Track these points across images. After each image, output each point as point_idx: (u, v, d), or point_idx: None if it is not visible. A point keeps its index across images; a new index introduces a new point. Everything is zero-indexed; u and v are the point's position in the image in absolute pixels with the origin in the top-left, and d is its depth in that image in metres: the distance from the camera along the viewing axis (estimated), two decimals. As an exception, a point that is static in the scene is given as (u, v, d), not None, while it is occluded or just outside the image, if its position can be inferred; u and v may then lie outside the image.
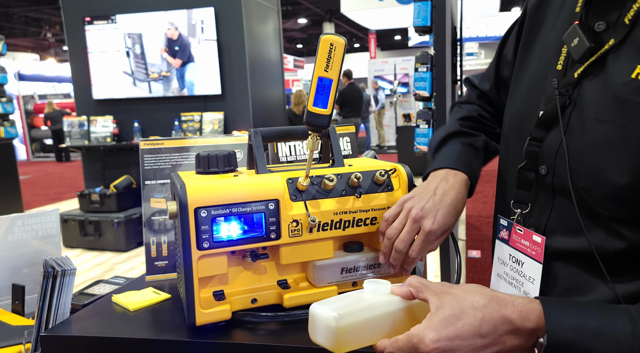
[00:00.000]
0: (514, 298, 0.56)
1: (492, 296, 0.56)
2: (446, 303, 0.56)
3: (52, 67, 15.44)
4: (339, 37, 0.71)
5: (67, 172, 10.49)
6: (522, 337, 0.54)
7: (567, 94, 0.70)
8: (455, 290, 0.57)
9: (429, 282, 0.60)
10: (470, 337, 0.53)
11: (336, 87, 0.73)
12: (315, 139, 0.77)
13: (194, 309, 0.74)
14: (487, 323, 0.53)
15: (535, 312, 0.54)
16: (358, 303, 0.61)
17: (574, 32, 0.69)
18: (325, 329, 0.58)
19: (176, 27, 4.73)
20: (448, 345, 0.53)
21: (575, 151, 0.68)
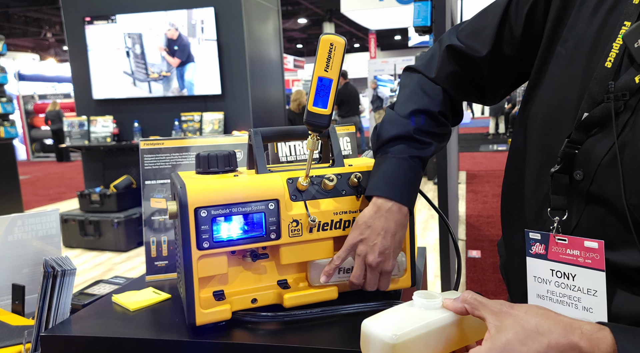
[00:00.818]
0: (582, 324, 0.53)
1: (558, 320, 0.54)
2: (508, 325, 0.54)
3: (52, 67, 15.44)
4: (339, 37, 0.71)
5: (67, 172, 10.49)
6: None
7: (624, 99, 0.62)
8: (517, 311, 0.55)
9: (485, 300, 0.58)
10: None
11: (336, 87, 0.73)
12: (315, 139, 0.77)
13: (194, 309, 0.74)
14: (554, 350, 0.52)
15: (606, 341, 0.52)
16: (412, 320, 0.60)
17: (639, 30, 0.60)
18: (381, 347, 0.57)
19: (176, 28, 4.73)
20: None
21: (631, 165, 0.61)
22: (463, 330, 0.62)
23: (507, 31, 0.82)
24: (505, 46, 0.83)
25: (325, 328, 0.76)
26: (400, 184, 0.80)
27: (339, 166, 0.85)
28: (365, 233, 0.78)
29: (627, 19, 0.64)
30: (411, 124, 0.84)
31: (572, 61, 0.71)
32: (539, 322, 0.53)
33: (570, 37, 0.71)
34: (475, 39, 0.85)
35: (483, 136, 13.79)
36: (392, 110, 0.87)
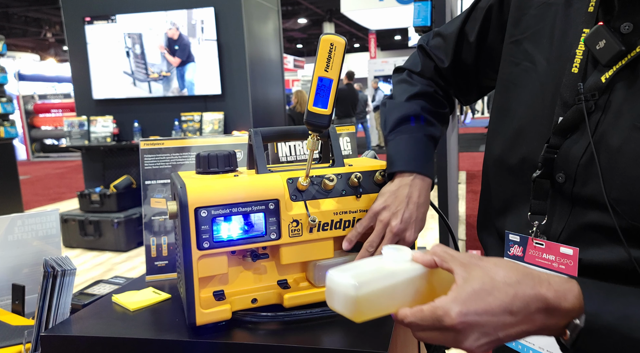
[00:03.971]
0: (550, 276, 0.53)
1: (527, 272, 0.53)
2: (475, 276, 0.54)
3: (52, 67, 15.43)
4: (339, 37, 0.71)
5: (67, 172, 10.49)
6: (555, 317, 0.52)
7: (593, 99, 0.66)
8: (486, 263, 0.55)
9: (455, 252, 0.58)
10: (500, 313, 0.51)
11: (336, 87, 0.73)
12: (315, 139, 0.77)
13: (194, 309, 0.74)
14: (520, 300, 0.51)
15: (573, 292, 0.52)
16: (378, 270, 0.59)
17: (600, 33, 0.65)
18: (344, 297, 0.56)
19: (177, 28, 4.73)
20: (475, 319, 0.51)
21: (608, 161, 0.63)
22: (432, 284, 0.60)
23: (465, 41, 0.89)
24: (464, 55, 0.90)
25: (325, 328, 0.76)
26: (420, 157, 0.82)
27: (339, 166, 0.85)
28: (389, 201, 0.79)
29: (585, 27, 0.68)
30: (414, 106, 0.87)
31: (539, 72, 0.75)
32: (507, 273, 0.53)
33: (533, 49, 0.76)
34: (439, 49, 0.93)
35: (483, 136, 13.79)
36: (392, 99, 0.92)
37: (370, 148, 10.30)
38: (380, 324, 0.75)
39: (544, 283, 0.52)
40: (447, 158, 2.70)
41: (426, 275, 0.60)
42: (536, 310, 0.52)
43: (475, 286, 0.53)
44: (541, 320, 0.52)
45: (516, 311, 0.51)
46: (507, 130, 0.80)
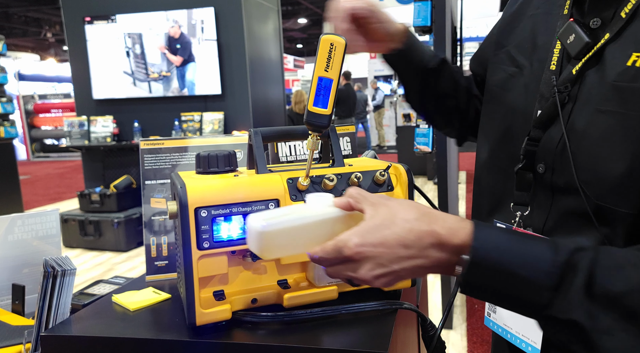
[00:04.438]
0: (447, 216, 0.56)
1: (427, 212, 0.57)
2: (380, 213, 0.57)
3: (52, 67, 15.43)
4: (340, 37, 0.71)
5: (67, 172, 10.49)
6: (447, 252, 0.55)
7: (566, 91, 0.70)
8: (392, 202, 0.59)
9: (368, 194, 0.61)
10: (394, 245, 0.55)
11: (336, 87, 0.73)
12: (315, 139, 0.77)
13: (194, 309, 0.74)
14: (414, 235, 0.54)
15: (464, 230, 0.54)
16: (293, 212, 0.61)
17: (570, 29, 0.70)
18: (254, 235, 0.60)
19: (179, 26, 4.73)
20: (371, 250, 0.55)
21: (577, 146, 0.68)
22: (350, 226, 0.60)
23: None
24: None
25: (325, 328, 0.76)
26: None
27: (339, 166, 0.85)
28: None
29: (561, 27, 0.73)
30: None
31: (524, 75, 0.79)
32: (407, 211, 0.56)
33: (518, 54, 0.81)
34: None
35: (483, 136, 13.73)
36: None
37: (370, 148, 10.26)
38: (380, 324, 0.75)
39: (439, 221, 0.55)
40: (447, 158, 2.70)
41: (344, 218, 0.62)
42: (429, 245, 0.54)
43: (377, 221, 0.56)
44: (434, 255, 0.55)
45: (410, 244, 0.54)
46: (495, 132, 0.84)
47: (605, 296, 0.49)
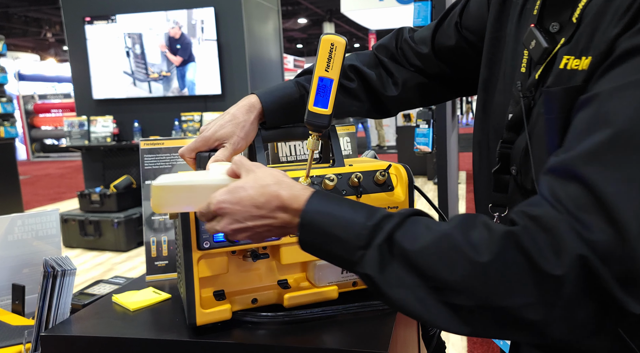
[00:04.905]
0: (297, 185, 0.64)
1: (280, 180, 0.64)
2: (247, 178, 0.65)
3: (52, 67, 15.43)
4: (340, 37, 0.71)
5: (67, 172, 10.49)
6: (289, 214, 0.62)
7: (530, 95, 0.70)
8: (260, 170, 0.66)
9: (247, 161, 0.68)
10: (248, 205, 0.63)
11: (337, 87, 0.73)
12: (315, 139, 0.77)
13: (195, 309, 0.74)
14: (264, 197, 0.62)
15: (304, 196, 0.61)
16: (187, 176, 0.71)
17: (531, 34, 0.69)
18: (150, 190, 0.68)
19: (180, 26, 4.73)
20: (229, 207, 0.63)
21: (538, 149, 0.69)
22: None
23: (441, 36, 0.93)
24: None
25: (325, 328, 0.76)
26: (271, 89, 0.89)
27: (340, 166, 0.85)
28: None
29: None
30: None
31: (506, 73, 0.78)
32: (265, 177, 0.64)
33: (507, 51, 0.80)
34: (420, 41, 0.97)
35: (483, 136, 13.72)
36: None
37: (370, 148, 10.28)
38: (380, 324, 0.75)
39: (288, 188, 0.63)
40: (447, 157, 2.70)
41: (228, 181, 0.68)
42: (276, 207, 0.62)
43: (239, 183, 0.64)
44: (280, 217, 0.62)
45: (260, 205, 0.62)
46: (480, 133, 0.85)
47: (401, 255, 0.54)
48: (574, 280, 0.47)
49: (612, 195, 0.46)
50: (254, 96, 0.87)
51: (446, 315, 0.52)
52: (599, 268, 0.45)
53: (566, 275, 0.47)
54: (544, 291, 0.48)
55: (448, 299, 0.52)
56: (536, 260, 0.48)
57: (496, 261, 0.50)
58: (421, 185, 7.27)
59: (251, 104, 0.86)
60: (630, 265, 0.45)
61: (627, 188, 0.46)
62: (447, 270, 0.52)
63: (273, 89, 0.90)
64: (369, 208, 0.60)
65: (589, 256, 0.46)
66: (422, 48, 0.95)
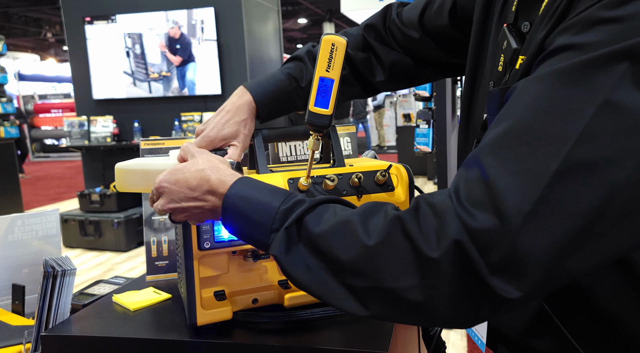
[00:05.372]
0: (226, 170, 0.67)
1: (214, 165, 0.68)
2: (189, 162, 0.70)
3: (52, 67, 15.43)
4: (341, 37, 0.71)
5: (67, 172, 10.49)
6: (216, 198, 0.65)
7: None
8: (201, 155, 0.70)
9: (193, 148, 0.73)
10: (183, 186, 0.67)
11: (337, 87, 0.73)
12: (316, 139, 0.77)
13: (195, 309, 0.74)
14: (196, 181, 0.66)
15: (229, 182, 0.65)
16: (149, 160, 0.78)
17: (504, 34, 0.68)
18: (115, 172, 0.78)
19: (179, 27, 4.73)
20: (167, 187, 0.68)
21: None
22: None
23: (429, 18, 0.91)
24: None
25: (325, 328, 0.76)
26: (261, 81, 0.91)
27: (340, 166, 0.85)
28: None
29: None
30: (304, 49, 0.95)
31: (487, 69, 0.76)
32: (202, 162, 0.68)
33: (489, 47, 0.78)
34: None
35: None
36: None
37: (370, 148, 10.26)
38: (380, 324, 0.75)
39: (217, 172, 0.66)
40: (447, 157, 2.70)
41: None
42: (206, 190, 0.66)
43: (180, 166, 0.69)
44: (210, 200, 0.66)
45: (193, 188, 0.66)
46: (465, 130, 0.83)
47: (306, 237, 0.57)
48: (449, 263, 0.48)
49: (501, 186, 0.47)
50: (247, 93, 0.88)
51: (346, 297, 0.55)
52: (473, 254, 0.46)
53: (441, 258, 0.48)
54: (425, 274, 0.49)
55: (346, 281, 0.54)
56: (418, 243, 0.50)
57: (382, 244, 0.52)
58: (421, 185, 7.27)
59: (247, 102, 0.88)
60: (508, 254, 0.46)
61: (516, 181, 0.46)
62: (342, 252, 0.54)
63: (264, 82, 0.90)
64: (286, 194, 0.62)
65: (464, 242, 0.47)
66: (412, 32, 0.93)
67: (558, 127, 0.46)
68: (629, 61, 0.44)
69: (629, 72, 0.44)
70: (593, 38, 0.46)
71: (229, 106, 0.87)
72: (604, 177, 0.44)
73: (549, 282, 0.47)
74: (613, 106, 0.44)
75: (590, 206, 0.44)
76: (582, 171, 0.45)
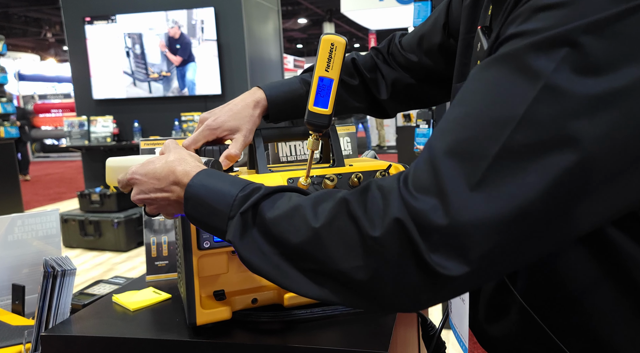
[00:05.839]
0: (192, 162, 0.68)
1: (182, 157, 0.69)
2: (162, 155, 0.72)
3: (52, 67, 15.43)
4: (340, 37, 0.71)
5: (67, 172, 10.49)
6: (180, 188, 0.66)
7: None
8: (175, 149, 0.72)
9: (173, 144, 0.74)
10: (152, 177, 0.69)
11: (337, 87, 0.73)
12: (315, 139, 0.77)
13: (195, 309, 0.74)
14: (164, 172, 0.68)
15: (193, 173, 0.66)
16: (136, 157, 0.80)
17: (477, 36, 0.69)
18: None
19: (179, 26, 4.73)
20: (138, 178, 0.70)
21: None
22: None
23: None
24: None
25: (325, 328, 0.76)
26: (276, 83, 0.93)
27: (340, 166, 0.85)
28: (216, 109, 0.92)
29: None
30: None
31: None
32: (172, 155, 0.70)
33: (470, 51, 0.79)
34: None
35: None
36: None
37: (370, 148, 10.27)
38: (380, 324, 0.75)
39: (183, 163, 0.68)
40: (447, 158, 2.70)
41: None
42: (171, 181, 0.67)
43: (152, 159, 0.71)
44: (176, 191, 0.67)
45: (160, 178, 0.68)
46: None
47: (260, 223, 0.58)
48: (390, 242, 0.48)
49: (444, 169, 0.47)
50: (259, 91, 0.90)
51: (301, 280, 0.55)
52: (413, 232, 0.47)
53: (383, 237, 0.49)
54: (368, 254, 0.50)
55: (298, 264, 0.55)
56: (361, 223, 0.50)
57: (327, 226, 0.53)
58: (421, 185, 7.25)
59: (257, 100, 0.89)
60: (448, 233, 0.46)
61: (458, 164, 0.47)
62: (293, 236, 0.54)
63: (278, 84, 0.92)
64: (246, 183, 0.63)
65: (405, 220, 0.47)
66: (411, 56, 0.97)
67: (500, 112, 0.47)
68: (568, 45, 0.45)
69: (568, 57, 0.45)
70: (536, 25, 0.47)
71: (239, 100, 0.88)
72: (542, 161, 0.45)
73: (492, 262, 0.47)
74: (553, 90, 0.45)
75: (529, 189, 0.45)
76: (521, 155, 0.45)
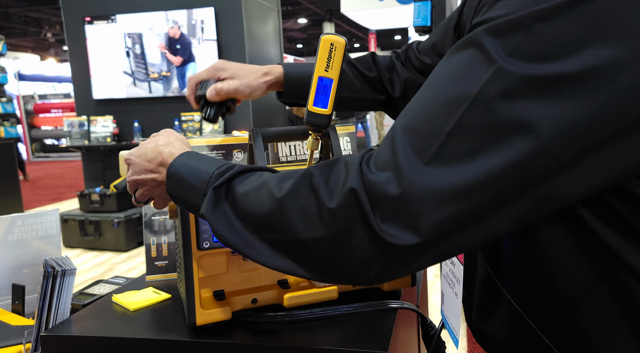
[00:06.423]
0: (178, 145, 0.71)
1: (170, 141, 0.72)
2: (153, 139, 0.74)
3: (52, 67, 15.42)
4: (340, 37, 0.71)
5: (67, 172, 10.49)
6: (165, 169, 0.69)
7: None
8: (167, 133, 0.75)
9: (168, 130, 0.76)
10: (143, 159, 0.71)
11: (336, 87, 0.73)
12: (315, 138, 0.77)
13: (194, 309, 0.74)
14: (152, 154, 0.71)
15: (177, 154, 0.69)
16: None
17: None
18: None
19: (179, 26, 4.73)
20: (132, 159, 0.73)
21: None
22: None
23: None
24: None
25: (325, 328, 0.76)
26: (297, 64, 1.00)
27: (339, 166, 0.85)
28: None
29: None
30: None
31: None
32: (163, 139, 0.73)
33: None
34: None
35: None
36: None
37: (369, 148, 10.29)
38: (380, 324, 0.75)
39: (169, 146, 0.70)
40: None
41: None
42: (159, 162, 0.70)
43: (145, 142, 0.74)
44: (162, 172, 0.69)
45: (150, 160, 0.71)
46: None
47: (231, 197, 0.60)
48: (345, 213, 0.50)
49: (400, 145, 0.50)
50: (278, 66, 0.96)
51: (265, 252, 0.57)
52: (364, 203, 0.49)
53: (338, 208, 0.50)
54: (325, 225, 0.51)
55: (263, 236, 0.57)
56: (320, 195, 0.52)
57: (289, 196, 0.54)
58: (421, 185, 7.25)
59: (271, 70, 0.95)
60: (399, 203, 0.48)
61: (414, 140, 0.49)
62: (258, 208, 0.56)
63: (300, 64, 0.99)
64: (223, 162, 0.65)
65: (358, 191, 0.49)
66: (426, 58, 1.01)
67: (455, 91, 0.49)
68: (521, 31, 0.46)
69: (521, 41, 0.46)
70: (496, 13, 0.49)
71: (254, 66, 0.94)
72: (493, 139, 0.47)
73: (443, 234, 0.48)
74: (505, 72, 0.47)
75: (479, 166, 0.47)
76: (473, 133, 0.47)
